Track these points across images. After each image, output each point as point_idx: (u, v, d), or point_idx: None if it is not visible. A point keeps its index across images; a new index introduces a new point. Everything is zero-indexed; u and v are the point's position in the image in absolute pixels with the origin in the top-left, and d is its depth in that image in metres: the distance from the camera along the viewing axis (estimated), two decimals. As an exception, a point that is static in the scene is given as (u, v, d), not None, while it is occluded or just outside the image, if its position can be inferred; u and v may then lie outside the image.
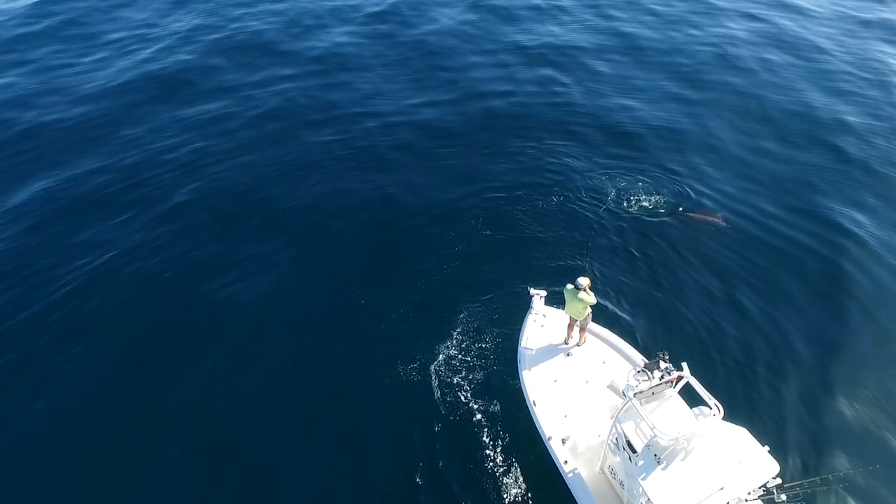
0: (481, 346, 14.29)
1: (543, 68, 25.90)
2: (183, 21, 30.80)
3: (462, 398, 13.29)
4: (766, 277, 15.89)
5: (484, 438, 12.54)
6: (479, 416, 12.93)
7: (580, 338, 12.80)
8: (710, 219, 17.55)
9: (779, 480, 8.66)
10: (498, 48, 27.75)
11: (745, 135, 21.51)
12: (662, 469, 8.86)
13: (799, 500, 8.74)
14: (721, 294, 15.50)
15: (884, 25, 29.61)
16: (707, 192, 18.83)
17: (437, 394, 13.39)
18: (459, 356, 14.07)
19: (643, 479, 8.84)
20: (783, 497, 8.59)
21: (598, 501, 10.56)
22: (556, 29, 29.35)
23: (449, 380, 13.62)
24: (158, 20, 30.99)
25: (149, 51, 27.89)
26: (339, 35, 29.10)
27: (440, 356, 14.06)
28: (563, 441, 11.17)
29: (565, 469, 10.89)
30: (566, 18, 30.61)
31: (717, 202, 18.36)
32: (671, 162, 20.25)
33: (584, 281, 11.81)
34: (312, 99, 24.15)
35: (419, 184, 19.60)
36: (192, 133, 22.11)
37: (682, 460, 8.88)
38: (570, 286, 12.00)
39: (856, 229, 17.23)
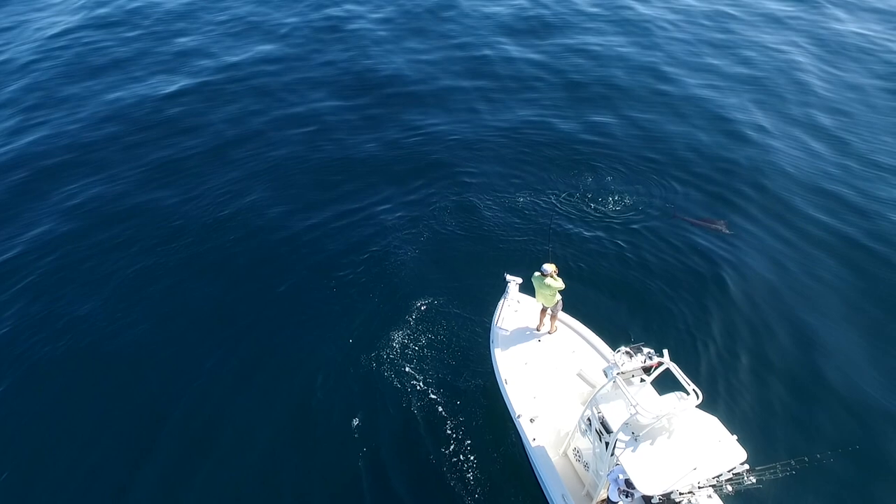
0: (448, 334, 14.44)
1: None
2: None
3: (428, 381, 13.35)
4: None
5: (450, 421, 12.61)
6: (446, 398, 12.99)
7: (551, 326, 12.97)
8: (713, 226, 17.56)
9: (746, 466, 9.04)
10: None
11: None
12: (640, 447, 9.05)
13: (768, 482, 9.17)
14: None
15: None
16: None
17: (402, 377, 13.52)
18: (426, 343, 14.22)
19: (621, 456, 8.99)
20: (752, 479, 8.98)
21: (565, 483, 10.67)
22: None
23: (410, 366, 13.74)
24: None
25: None
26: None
27: (406, 342, 14.24)
28: (532, 420, 11.24)
29: (532, 447, 10.96)
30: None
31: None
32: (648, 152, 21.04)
33: (549, 267, 12.05)
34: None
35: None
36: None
37: (660, 440, 9.11)
38: (537, 273, 12.21)
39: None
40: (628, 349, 9.94)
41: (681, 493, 8.99)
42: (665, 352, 9.86)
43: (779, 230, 17.80)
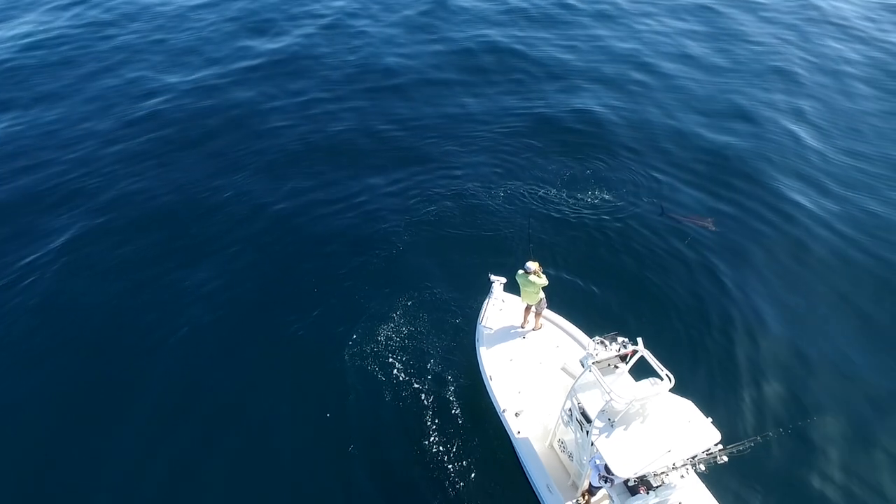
0: (433, 330, 14.71)
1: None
2: None
3: (418, 376, 13.60)
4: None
5: (434, 416, 12.84)
6: (433, 394, 13.26)
7: (536, 323, 13.28)
8: (700, 223, 17.64)
9: (720, 447, 9.30)
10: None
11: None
12: (616, 432, 9.33)
13: (738, 459, 9.44)
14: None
15: None
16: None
17: (389, 371, 13.78)
18: (410, 338, 14.49)
19: (597, 441, 9.27)
20: (724, 458, 9.23)
21: (550, 474, 10.95)
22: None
23: (396, 360, 13.98)
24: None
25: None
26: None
27: (391, 336, 14.52)
28: (517, 414, 11.53)
29: (517, 440, 11.25)
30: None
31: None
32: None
33: (532, 265, 12.37)
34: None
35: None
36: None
37: (634, 424, 9.39)
38: (520, 272, 12.53)
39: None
40: (602, 339, 10.25)
41: (655, 475, 9.25)
42: (639, 340, 10.16)
43: (763, 215, 18.16)
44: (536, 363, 12.58)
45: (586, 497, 10.49)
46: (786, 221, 17.87)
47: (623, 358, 10.19)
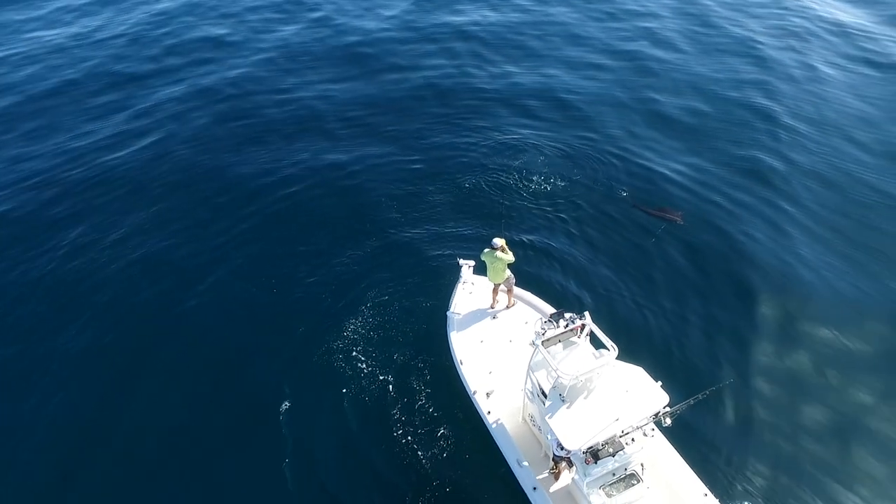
0: (403, 318, 15.01)
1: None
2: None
3: (383, 366, 13.95)
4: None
5: (410, 399, 13.26)
6: (405, 381, 13.65)
7: (509, 300, 13.60)
8: (669, 216, 17.54)
9: (668, 409, 9.59)
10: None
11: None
12: (566, 407, 9.69)
13: (679, 419, 9.78)
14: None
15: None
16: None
17: (356, 364, 14.08)
18: (379, 329, 14.76)
19: (549, 417, 9.65)
20: (668, 421, 9.52)
21: (521, 448, 11.40)
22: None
23: (364, 353, 14.23)
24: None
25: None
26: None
27: (359, 329, 14.77)
28: (488, 395, 11.98)
29: (489, 420, 11.70)
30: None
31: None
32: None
33: (498, 241, 12.62)
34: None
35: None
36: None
37: (583, 397, 9.72)
38: (486, 250, 12.79)
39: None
40: (550, 317, 10.55)
41: (605, 444, 9.61)
42: (586, 313, 10.43)
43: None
44: (507, 341, 12.94)
45: (559, 466, 10.89)
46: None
47: (574, 333, 10.48)
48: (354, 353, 14.17)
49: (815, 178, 18.66)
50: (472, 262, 14.22)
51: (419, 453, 12.29)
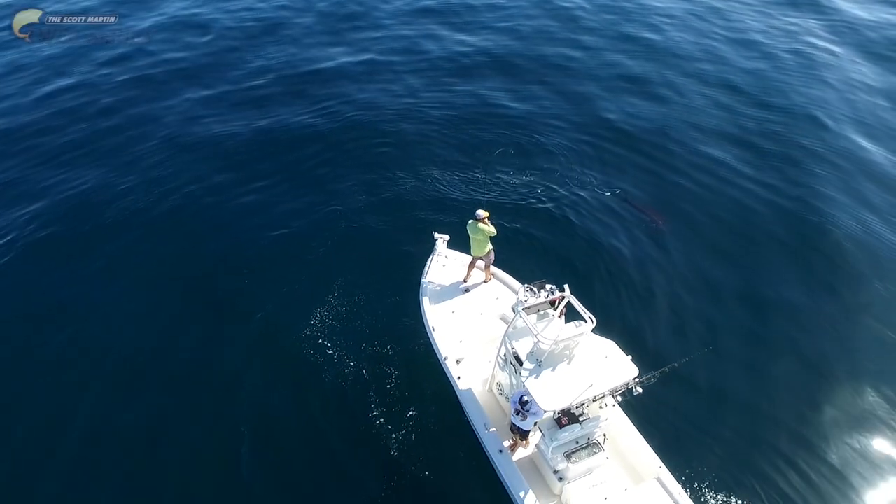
0: (375, 297, 15.15)
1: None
2: None
3: (356, 346, 13.99)
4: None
5: (380, 379, 13.37)
6: (378, 353, 13.79)
7: (486, 275, 13.88)
8: (651, 216, 17.74)
9: (637, 380, 10.15)
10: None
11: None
12: (543, 372, 10.07)
13: (650, 388, 10.36)
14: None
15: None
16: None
17: (329, 346, 14.06)
18: (350, 309, 14.82)
19: (527, 381, 9.99)
20: (639, 390, 10.09)
21: (489, 414, 11.69)
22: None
23: (337, 334, 14.26)
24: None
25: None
26: None
27: (331, 311, 14.80)
28: (458, 362, 12.20)
29: (459, 385, 11.93)
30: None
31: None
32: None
33: (481, 212, 12.92)
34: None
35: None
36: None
37: (560, 364, 10.14)
38: (471, 221, 13.05)
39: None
40: (531, 286, 10.92)
41: (577, 407, 10.07)
42: (566, 286, 10.85)
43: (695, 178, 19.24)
44: (477, 314, 13.23)
45: (516, 438, 11.19)
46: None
47: (552, 304, 10.88)
48: (321, 341, 14.11)
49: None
50: (446, 237, 14.41)
51: (386, 435, 12.37)
